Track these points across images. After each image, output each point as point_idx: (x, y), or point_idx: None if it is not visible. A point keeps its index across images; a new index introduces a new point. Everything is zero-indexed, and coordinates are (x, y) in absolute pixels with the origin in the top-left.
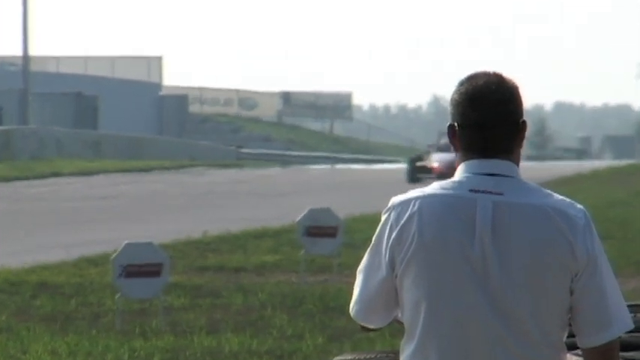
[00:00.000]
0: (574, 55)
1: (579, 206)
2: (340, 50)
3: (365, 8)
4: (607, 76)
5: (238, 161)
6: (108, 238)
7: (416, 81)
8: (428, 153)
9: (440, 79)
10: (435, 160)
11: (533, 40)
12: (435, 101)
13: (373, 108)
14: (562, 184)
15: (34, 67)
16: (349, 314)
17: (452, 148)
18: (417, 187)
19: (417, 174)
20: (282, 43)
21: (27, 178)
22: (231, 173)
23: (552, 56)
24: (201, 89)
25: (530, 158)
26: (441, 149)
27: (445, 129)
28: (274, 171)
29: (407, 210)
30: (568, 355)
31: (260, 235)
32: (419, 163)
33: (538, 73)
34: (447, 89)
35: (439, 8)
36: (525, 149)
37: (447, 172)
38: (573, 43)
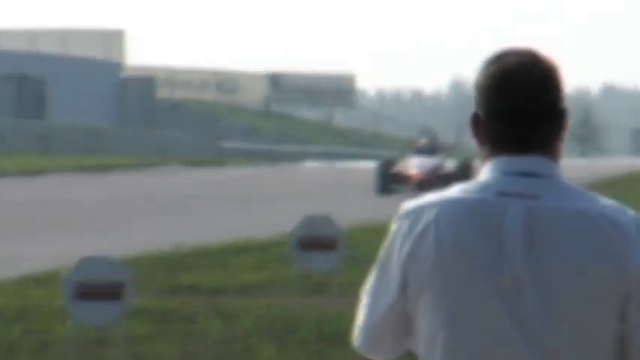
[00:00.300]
0: (625, 32)
1: (632, 213)
2: (340, 24)
3: None
4: None
5: (218, 158)
6: (58, 251)
7: (433, 61)
8: (402, 156)
9: (462, 59)
10: (413, 166)
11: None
12: (456, 85)
13: (380, 93)
14: (609, 186)
15: None
16: (352, 344)
17: (437, 149)
18: (388, 200)
19: (390, 184)
20: (271, 13)
21: None
22: (209, 172)
23: (598, 36)
24: (171, 70)
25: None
26: (420, 151)
27: (429, 125)
28: (261, 170)
29: (421, 218)
30: None
31: (243, 248)
32: (392, 170)
33: (583, 51)
34: (471, 71)
35: None
36: (567, 143)
37: (427, 180)
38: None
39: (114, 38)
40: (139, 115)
